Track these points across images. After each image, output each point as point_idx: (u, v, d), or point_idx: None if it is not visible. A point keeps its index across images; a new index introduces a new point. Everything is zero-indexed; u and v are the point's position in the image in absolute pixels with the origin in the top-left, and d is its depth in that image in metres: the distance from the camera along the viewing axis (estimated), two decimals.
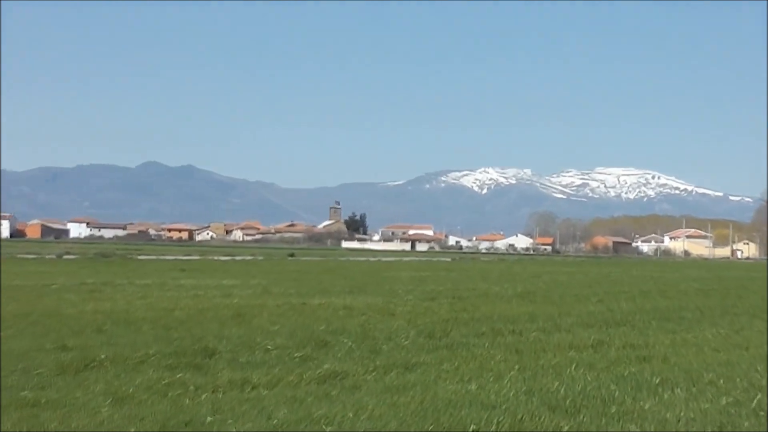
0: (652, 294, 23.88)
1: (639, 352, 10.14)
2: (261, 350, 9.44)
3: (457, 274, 37.51)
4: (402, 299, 18.66)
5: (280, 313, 14.39)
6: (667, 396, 7.05)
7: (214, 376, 7.64)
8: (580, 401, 6.68)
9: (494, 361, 9.04)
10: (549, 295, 21.69)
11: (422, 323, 12.98)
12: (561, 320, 14.05)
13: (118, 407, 6.21)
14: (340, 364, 8.49)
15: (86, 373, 7.81)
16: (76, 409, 6.11)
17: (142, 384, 7.09)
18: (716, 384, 7.75)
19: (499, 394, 6.87)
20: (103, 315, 13.29)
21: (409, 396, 6.77)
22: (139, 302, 16.10)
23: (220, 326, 11.97)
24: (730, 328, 13.63)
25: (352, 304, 16.58)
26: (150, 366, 8.19)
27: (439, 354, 9.61)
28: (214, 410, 6.12)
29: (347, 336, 10.95)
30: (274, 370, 7.99)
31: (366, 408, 6.21)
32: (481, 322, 13.56)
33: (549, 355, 9.65)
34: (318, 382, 7.51)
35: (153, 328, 11.63)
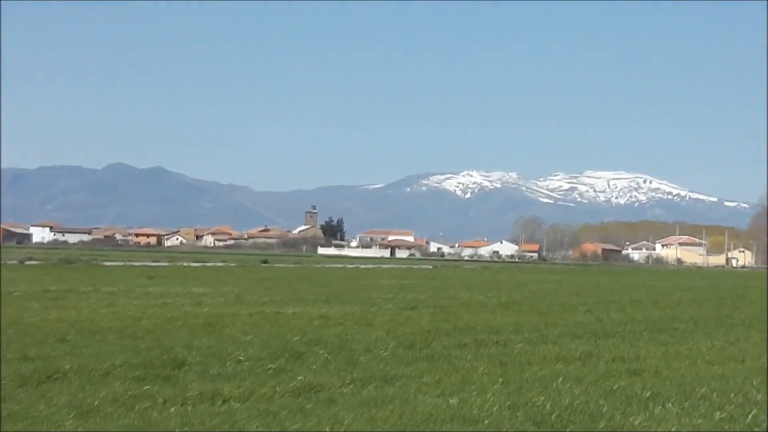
0: (644, 303, 24.05)
1: (629, 365, 10.16)
2: (233, 361, 9.41)
3: (439, 282, 37.61)
4: (381, 308, 18.68)
5: (253, 323, 14.38)
6: (658, 411, 7.03)
7: (184, 389, 7.60)
8: (566, 416, 6.68)
9: (477, 374, 9.04)
10: (535, 305, 21.79)
11: (402, 334, 12.99)
12: (547, 331, 14.10)
13: (82, 420, 6.18)
14: (316, 377, 8.47)
15: (49, 384, 7.76)
16: (38, 422, 6.07)
17: (108, 396, 7.03)
18: (710, 398, 7.75)
19: (482, 409, 6.85)
20: (67, 324, 13.22)
21: (388, 410, 6.75)
22: (104, 311, 16.03)
23: (190, 336, 11.93)
24: (725, 339, 13.70)
25: (328, 314, 16.59)
26: (116, 377, 8.15)
27: (419, 366, 9.59)
28: (183, 424, 6.10)
29: (323, 347, 10.93)
30: (246, 383, 7.96)
31: (342, 422, 6.21)
32: (464, 332, 13.59)
33: (535, 368, 9.65)
34: (292, 395, 7.49)
35: (119, 337, 11.58)
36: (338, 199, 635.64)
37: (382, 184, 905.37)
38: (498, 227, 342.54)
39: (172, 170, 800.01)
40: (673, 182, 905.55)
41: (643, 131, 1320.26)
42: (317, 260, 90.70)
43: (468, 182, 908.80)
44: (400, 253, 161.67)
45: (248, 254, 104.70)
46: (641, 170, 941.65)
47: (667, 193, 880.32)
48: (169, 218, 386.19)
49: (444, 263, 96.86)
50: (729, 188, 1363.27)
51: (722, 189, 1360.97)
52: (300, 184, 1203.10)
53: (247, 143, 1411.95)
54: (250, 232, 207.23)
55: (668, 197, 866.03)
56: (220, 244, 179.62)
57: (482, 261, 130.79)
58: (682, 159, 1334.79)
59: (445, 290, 29.46)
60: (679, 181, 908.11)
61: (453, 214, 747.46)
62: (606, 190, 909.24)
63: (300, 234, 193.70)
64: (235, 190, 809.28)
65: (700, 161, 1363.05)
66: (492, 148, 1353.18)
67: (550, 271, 72.74)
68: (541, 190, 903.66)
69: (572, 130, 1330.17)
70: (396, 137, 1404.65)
